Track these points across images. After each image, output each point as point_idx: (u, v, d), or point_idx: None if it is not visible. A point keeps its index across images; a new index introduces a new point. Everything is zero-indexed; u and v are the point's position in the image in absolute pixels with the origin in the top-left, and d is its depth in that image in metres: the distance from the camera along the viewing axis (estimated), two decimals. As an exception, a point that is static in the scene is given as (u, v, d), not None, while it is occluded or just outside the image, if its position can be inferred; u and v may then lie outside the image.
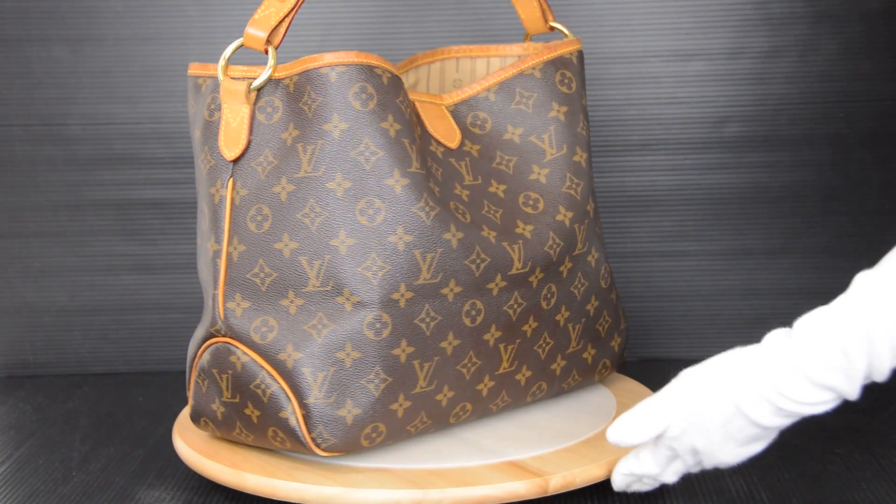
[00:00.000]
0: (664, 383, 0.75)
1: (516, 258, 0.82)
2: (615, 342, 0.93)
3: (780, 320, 0.72)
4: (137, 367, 1.13)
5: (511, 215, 0.84)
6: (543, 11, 0.92)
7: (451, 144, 0.85)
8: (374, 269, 0.76)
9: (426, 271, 0.78)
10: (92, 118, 1.09)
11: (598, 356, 0.91)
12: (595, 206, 0.90)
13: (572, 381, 0.90)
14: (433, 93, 0.91)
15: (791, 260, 1.11)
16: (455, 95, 0.88)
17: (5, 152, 1.10)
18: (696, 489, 0.81)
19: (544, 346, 0.86)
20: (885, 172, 1.09)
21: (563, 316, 0.86)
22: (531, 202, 0.86)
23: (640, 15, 1.08)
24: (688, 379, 0.72)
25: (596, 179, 1.10)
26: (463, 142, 0.86)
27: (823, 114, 1.08)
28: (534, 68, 0.89)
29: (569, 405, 0.91)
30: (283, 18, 0.78)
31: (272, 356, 0.77)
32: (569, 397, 0.93)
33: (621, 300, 1.11)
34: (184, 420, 0.89)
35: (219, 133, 0.80)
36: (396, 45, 1.09)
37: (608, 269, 0.91)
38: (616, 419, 0.74)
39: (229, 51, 0.80)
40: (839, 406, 0.70)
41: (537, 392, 0.87)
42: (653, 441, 0.74)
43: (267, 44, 0.79)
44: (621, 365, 0.95)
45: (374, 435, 0.78)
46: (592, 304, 0.89)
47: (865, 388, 0.69)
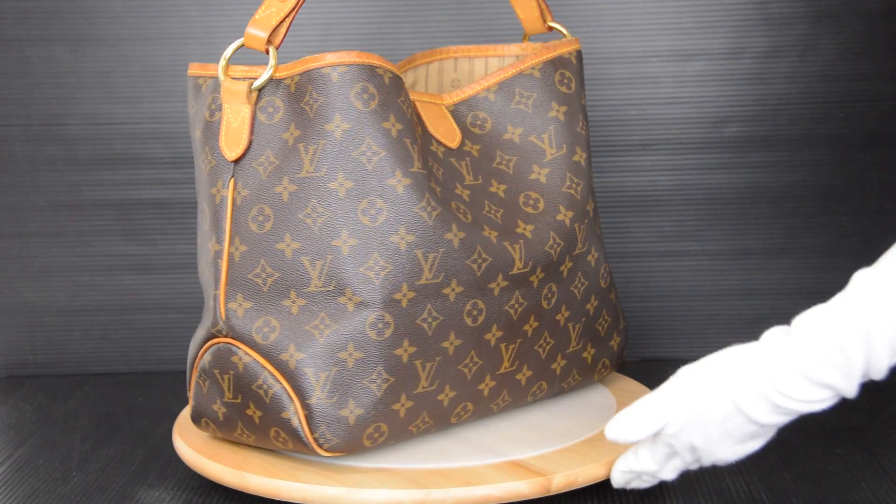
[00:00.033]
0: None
1: (517, 258, 0.82)
2: (614, 341, 0.93)
3: (779, 320, 0.71)
4: (137, 367, 1.13)
5: (512, 215, 0.84)
6: (542, 11, 0.92)
7: (452, 144, 0.85)
8: (377, 269, 0.76)
9: (428, 271, 0.78)
10: (92, 118, 1.09)
11: (598, 356, 0.91)
12: (595, 206, 0.90)
13: (572, 381, 0.90)
14: (432, 93, 0.91)
15: (791, 260, 1.11)
16: (455, 95, 0.88)
17: (5, 152, 1.10)
18: (696, 489, 0.81)
19: (545, 345, 0.86)
20: (885, 172, 1.09)
21: (563, 315, 0.86)
22: (531, 202, 0.86)
23: (640, 15, 1.08)
24: (686, 376, 0.72)
25: (596, 179, 1.10)
26: (463, 142, 0.86)
27: (823, 114, 1.08)
28: (533, 68, 0.89)
29: (569, 405, 0.91)
30: (284, 18, 0.78)
31: (274, 356, 0.77)
32: (568, 397, 0.93)
33: (621, 300, 1.11)
34: (184, 420, 0.89)
35: (220, 133, 0.80)
36: (396, 45, 1.08)
37: (607, 268, 0.91)
38: (614, 416, 0.74)
39: (230, 51, 0.80)
40: (839, 406, 0.70)
41: (537, 392, 0.87)
42: (651, 438, 0.74)
43: (268, 44, 0.79)
44: (621, 365, 0.95)
45: (376, 435, 0.78)
46: (592, 304, 0.89)
47: (865, 388, 0.69)
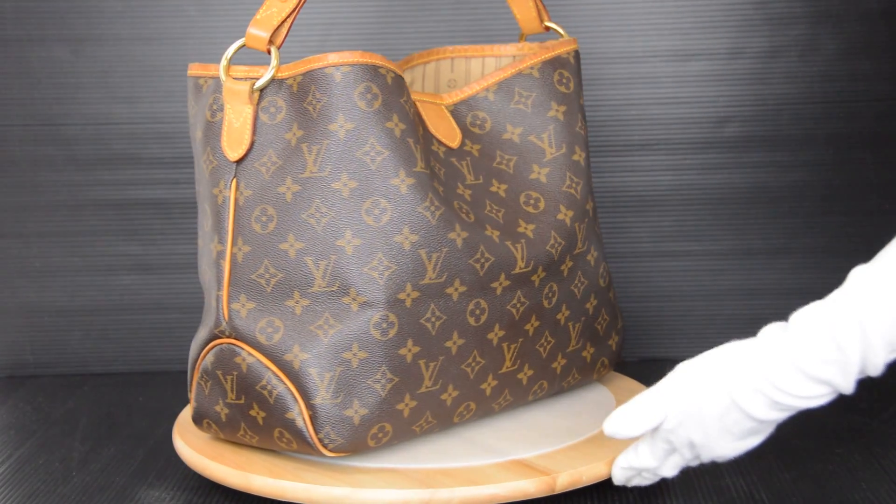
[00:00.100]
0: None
1: (519, 257, 0.82)
2: (613, 340, 0.93)
3: (779, 320, 0.72)
4: (137, 367, 1.13)
5: (513, 214, 0.84)
6: (539, 11, 0.92)
7: (452, 144, 0.85)
8: (381, 268, 0.76)
9: (432, 271, 0.78)
10: (92, 118, 1.09)
11: (597, 355, 0.91)
12: (594, 206, 0.90)
13: (572, 380, 0.90)
14: (430, 93, 0.91)
15: (791, 260, 1.11)
16: (454, 95, 0.88)
17: (5, 152, 1.10)
18: (696, 488, 0.81)
19: (545, 344, 0.86)
20: (885, 172, 1.09)
21: (563, 315, 0.86)
22: (532, 201, 0.86)
23: (640, 15, 1.08)
24: (684, 372, 0.73)
25: (596, 179, 1.10)
26: (463, 141, 0.86)
27: (823, 114, 1.08)
28: (532, 68, 0.89)
29: (570, 404, 0.91)
30: (286, 18, 0.78)
31: (278, 357, 0.77)
32: (569, 396, 0.93)
33: (621, 300, 1.11)
34: (184, 420, 0.89)
35: (221, 134, 0.80)
36: (396, 45, 1.08)
37: (606, 268, 0.91)
38: (613, 412, 0.74)
39: (231, 51, 0.80)
40: (839, 406, 0.70)
41: (538, 391, 0.88)
42: (650, 434, 0.75)
43: (269, 44, 0.78)
44: (619, 364, 0.95)
45: (380, 435, 0.78)
46: (591, 303, 0.89)
47: (865, 388, 0.69)
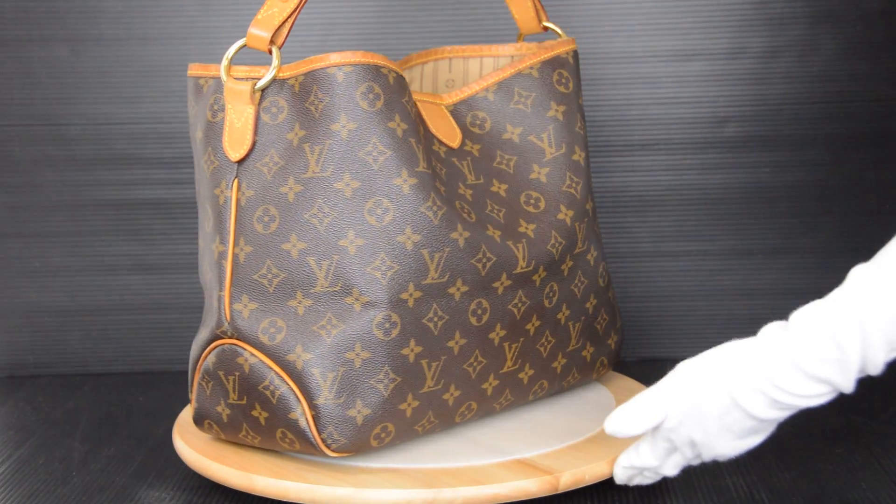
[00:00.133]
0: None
1: (521, 257, 0.82)
2: (612, 340, 0.93)
3: (779, 320, 0.72)
4: (137, 367, 1.13)
5: (514, 214, 0.84)
6: (537, 11, 0.92)
7: (453, 144, 0.85)
8: (383, 268, 0.76)
9: (434, 271, 0.78)
10: (92, 118, 1.09)
11: (597, 354, 0.91)
12: (593, 205, 0.90)
13: (572, 380, 0.90)
14: (429, 93, 0.91)
15: (791, 260, 1.11)
16: (454, 95, 0.88)
17: (5, 152, 1.10)
18: (696, 488, 0.81)
19: (546, 344, 0.86)
20: (884, 172, 1.09)
21: (563, 314, 0.87)
22: (532, 201, 0.86)
23: (640, 15, 1.08)
24: (684, 371, 0.73)
25: (596, 179, 1.10)
26: (464, 141, 0.86)
27: (823, 114, 1.08)
28: (531, 68, 0.89)
29: (570, 403, 0.91)
30: (287, 19, 0.78)
31: (281, 357, 0.77)
32: (569, 396, 0.93)
33: (621, 300, 1.11)
34: (184, 421, 0.88)
35: (223, 134, 0.80)
36: (396, 45, 1.08)
37: (605, 267, 0.91)
38: (614, 411, 0.74)
39: (232, 51, 0.80)
40: (839, 406, 0.70)
41: (539, 391, 0.88)
42: (651, 433, 0.75)
43: (271, 44, 0.78)
44: (618, 364, 0.95)
45: (383, 435, 0.78)
46: (591, 303, 0.89)
47: (865, 388, 0.69)
